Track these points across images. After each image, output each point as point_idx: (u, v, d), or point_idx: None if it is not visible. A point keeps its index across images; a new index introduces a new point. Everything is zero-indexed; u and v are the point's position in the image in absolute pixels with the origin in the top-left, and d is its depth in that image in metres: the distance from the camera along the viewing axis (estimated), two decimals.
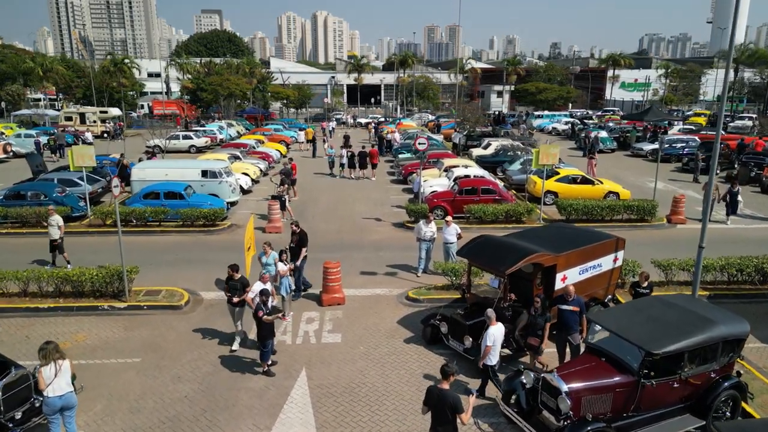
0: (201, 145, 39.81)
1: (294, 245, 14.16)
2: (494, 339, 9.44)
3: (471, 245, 11.70)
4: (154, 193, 21.08)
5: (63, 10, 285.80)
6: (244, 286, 11.40)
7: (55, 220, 16.04)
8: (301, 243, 14.16)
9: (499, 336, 9.56)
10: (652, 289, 11.54)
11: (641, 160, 37.13)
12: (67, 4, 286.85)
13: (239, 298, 11.34)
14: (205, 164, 23.85)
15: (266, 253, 13.15)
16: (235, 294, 11.36)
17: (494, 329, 9.53)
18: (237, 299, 11.36)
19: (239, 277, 11.52)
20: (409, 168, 28.53)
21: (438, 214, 21.54)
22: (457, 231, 15.35)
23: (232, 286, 11.44)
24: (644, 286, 11.45)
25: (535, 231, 12.75)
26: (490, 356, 9.50)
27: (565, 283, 11.43)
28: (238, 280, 11.48)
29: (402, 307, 13.74)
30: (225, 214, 21.56)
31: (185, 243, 19.16)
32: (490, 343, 9.43)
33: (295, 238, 14.26)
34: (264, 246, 13.20)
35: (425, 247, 15.73)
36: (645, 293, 11.35)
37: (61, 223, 16.12)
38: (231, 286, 11.46)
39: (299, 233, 14.22)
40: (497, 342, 9.52)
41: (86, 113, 49.80)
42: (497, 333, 9.53)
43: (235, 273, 11.50)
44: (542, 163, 20.60)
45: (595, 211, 20.67)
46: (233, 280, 11.48)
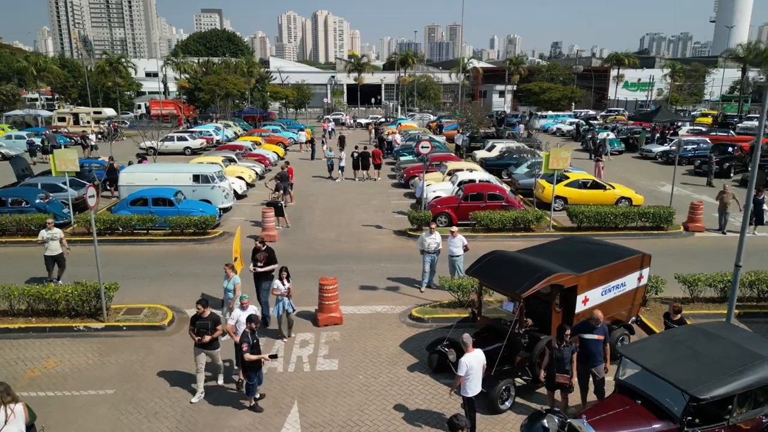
0: (196, 147, 38.65)
1: (261, 263, 12.43)
2: (469, 368, 8.31)
3: (482, 263, 10.55)
4: (142, 199, 19.94)
5: (63, 10, 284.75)
6: (215, 325, 9.59)
7: (57, 234, 14.72)
8: (270, 261, 12.49)
9: (476, 365, 8.42)
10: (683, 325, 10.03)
11: (650, 162, 35.96)
12: (67, 4, 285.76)
13: (210, 336, 9.51)
14: (196, 168, 22.70)
15: (227, 276, 11.50)
16: (204, 334, 9.48)
17: (470, 357, 8.38)
18: (208, 337, 9.48)
19: (209, 314, 9.63)
20: (411, 171, 27.39)
21: (442, 221, 20.44)
22: (463, 242, 14.20)
23: (201, 325, 9.47)
24: (675, 319, 9.94)
25: (552, 246, 11.60)
26: (466, 387, 8.38)
27: (586, 306, 10.31)
28: (208, 317, 9.58)
29: (405, 328, 12.59)
30: (217, 222, 20.43)
31: (174, 253, 18.02)
32: (462, 373, 8.30)
33: (261, 255, 12.47)
34: (225, 268, 11.62)
35: (429, 259, 14.58)
36: None
37: (61, 235, 14.83)
38: (199, 326, 9.47)
39: (266, 251, 12.52)
40: (474, 372, 8.38)
41: (80, 114, 48.67)
42: (473, 361, 8.39)
43: (204, 309, 9.55)
44: (552, 167, 19.44)
45: (608, 218, 19.51)
46: (202, 318, 9.52)
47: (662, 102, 78.44)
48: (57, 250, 14.70)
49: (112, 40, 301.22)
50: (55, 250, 14.65)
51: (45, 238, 14.51)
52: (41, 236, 14.58)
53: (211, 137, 41.92)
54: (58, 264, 14.88)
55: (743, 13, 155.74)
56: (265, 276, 12.61)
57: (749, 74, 72.07)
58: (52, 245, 14.59)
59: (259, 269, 12.50)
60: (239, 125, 51.32)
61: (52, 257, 14.67)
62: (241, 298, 10.12)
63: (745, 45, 61.49)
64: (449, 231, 14.38)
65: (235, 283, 11.44)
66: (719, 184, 28.33)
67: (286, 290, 11.66)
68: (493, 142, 34.51)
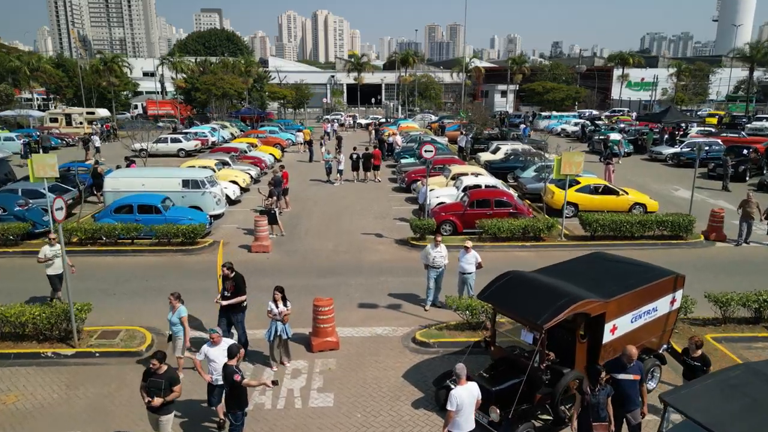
0: (191, 149, 37.40)
1: (229, 293, 10.87)
2: (460, 403, 7.31)
3: (496, 286, 9.33)
4: (127, 207, 18.71)
5: (62, 10, 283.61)
6: (171, 384, 7.79)
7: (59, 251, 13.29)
8: (238, 291, 10.93)
9: (469, 400, 7.42)
10: (706, 363, 8.51)
11: (660, 164, 34.71)
12: (66, 4, 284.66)
13: (163, 399, 7.71)
14: (186, 173, 21.49)
15: (172, 307, 10.05)
16: (155, 396, 7.68)
17: (461, 391, 7.40)
18: (159, 400, 7.67)
19: (165, 371, 7.85)
20: (413, 175, 26.14)
21: (446, 229, 19.24)
22: (477, 259, 12.95)
23: (153, 384, 7.74)
24: (696, 356, 8.53)
25: (573, 265, 10.37)
26: (457, 424, 7.38)
27: (615, 335, 9.10)
28: (163, 375, 7.79)
29: (408, 354, 11.36)
30: (207, 230, 19.22)
31: (159, 265, 16.80)
32: (453, 408, 7.31)
33: (229, 284, 10.90)
34: (170, 298, 10.12)
35: (434, 275, 13.36)
36: (697, 367, 8.49)
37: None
38: (152, 383, 7.75)
39: (234, 278, 10.95)
40: (465, 408, 7.38)
41: (72, 114, 47.43)
42: (464, 396, 7.38)
43: (160, 365, 7.81)
44: (564, 172, 18.21)
45: (623, 226, 18.28)
46: (156, 374, 7.78)
47: (667, 102, 77.24)
48: (60, 267, 13.14)
49: (112, 40, 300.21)
50: (58, 267, 13.15)
51: (49, 256, 13.00)
52: (44, 254, 13.02)
53: (206, 138, 40.70)
54: (62, 283, 13.28)
55: (746, 12, 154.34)
56: (235, 308, 10.97)
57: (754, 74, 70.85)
58: (56, 263, 13.11)
59: (224, 302, 10.83)
60: (236, 126, 50.06)
61: (58, 276, 13.15)
62: (211, 332, 8.84)
63: (753, 44, 60.16)
64: (463, 245, 13.08)
65: (180, 315, 10.04)
66: (735, 188, 27.18)
67: (280, 314, 10.43)
68: (498, 143, 33.27)
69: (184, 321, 10.08)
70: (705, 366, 8.51)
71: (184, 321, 10.06)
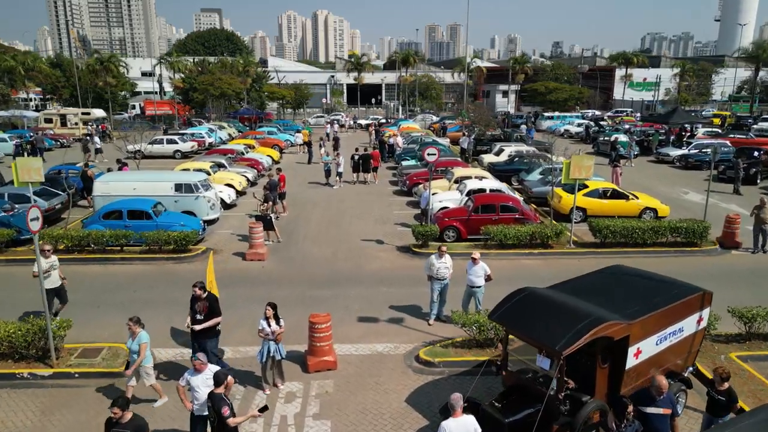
0: (187, 150, 36.57)
1: (202, 316, 9.70)
2: None
3: (508, 306, 8.53)
4: (117, 212, 17.90)
5: (61, 10, 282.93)
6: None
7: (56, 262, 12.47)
8: (211, 312, 9.76)
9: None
10: (733, 399, 7.68)
11: (667, 166, 33.89)
12: (65, 4, 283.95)
13: None
14: (179, 176, 20.69)
15: (132, 333, 9.10)
16: None
17: (452, 424, 6.79)
18: None
19: (129, 420, 6.76)
20: (415, 178, 25.33)
21: (450, 235, 18.45)
22: (486, 271, 12.13)
23: None
24: (721, 389, 7.72)
25: (590, 280, 9.57)
26: None
27: (639, 359, 8.30)
28: (127, 424, 6.74)
29: (411, 375, 10.56)
30: (201, 236, 18.42)
31: (149, 274, 16.00)
32: None
33: (201, 305, 9.75)
34: (128, 324, 9.14)
35: (438, 287, 12.56)
36: (722, 403, 7.67)
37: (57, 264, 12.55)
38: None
39: (206, 299, 9.81)
40: None
41: (67, 115, 46.64)
42: (455, 429, 6.74)
43: (123, 413, 6.71)
44: (574, 176, 17.41)
45: (635, 233, 17.47)
46: (120, 424, 6.72)
47: (670, 102, 76.43)
48: (57, 281, 12.38)
49: (111, 40, 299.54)
50: (55, 281, 12.31)
51: (44, 268, 11.92)
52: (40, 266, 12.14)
53: (203, 140, 39.89)
54: (59, 297, 12.50)
55: (749, 12, 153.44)
56: (207, 333, 9.82)
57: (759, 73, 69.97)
58: (52, 276, 12.14)
59: (197, 327, 9.75)
60: (234, 127, 49.25)
61: (53, 290, 12.21)
62: (194, 359, 8.02)
63: (759, 42, 59.33)
64: (470, 256, 12.27)
65: (141, 342, 9.06)
66: (746, 191, 26.38)
67: (273, 333, 9.63)
68: (501, 145, 32.45)
69: (144, 348, 9.09)
70: (731, 402, 7.71)
71: (143, 348, 9.08)
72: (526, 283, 15.48)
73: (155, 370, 9.65)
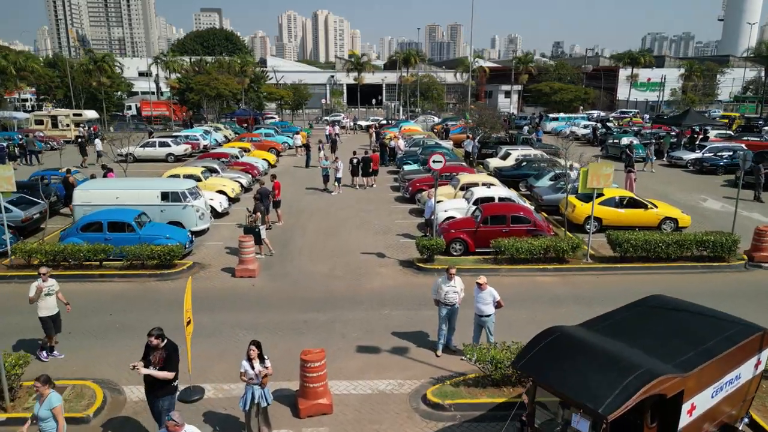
0: (180, 153, 35.17)
1: (160, 365, 7.93)
2: None
3: (536, 351, 7.16)
4: (96, 224, 16.53)
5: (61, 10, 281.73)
6: None
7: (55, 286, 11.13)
8: (168, 364, 7.94)
9: None
10: None
11: (680, 171, 32.50)
12: (64, 3, 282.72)
13: None
14: (166, 184, 19.31)
15: (40, 395, 7.33)
16: None
17: None
18: None
19: None
20: (418, 184, 23.95)
21: (457, 248, 17.09)
22: (494, 297, 10.76)
23: None
24: None
25: (629, 317, 8.21)
26: None
27: (692, 416, 6.94)
28: None
29: (418, 421, 9.19)
30: (188, 249, 17.07)
31: (129, 294, 14.63)
32: None
33: (157, 356, 7.96)
34: (36, 385, 7.31)
35: (446, 313, 11.20)
36: None
37: (58, 287, 11.21)
38: None
39: (165, 348, 8.04)
40: None
41: (58, 116, 45.27)
42: None
43: None
44: (592, 186, 16.04)
45: (659, 247, 16.09)
46: None
47: (676, 102, 75.05)
48: (55, 307, 10.99)
49: (111, 40, 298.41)
50: (53, 307, 10.91)
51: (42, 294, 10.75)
52: (35, 291, 10.70)
53: (197, 142, 38.50)
54: (56, 326, 11.10)
55: (752, 12, 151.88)
56: (159, 390, 7.98)
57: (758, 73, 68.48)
58: (49, 302, 10.87)
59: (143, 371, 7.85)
60: (230, 128, 47.87)
61: (50, 317, 10.88)
62: (168, 420, 6.64)
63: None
64: (476, 283, 10.88)
65: (52, 407, 7.28)
66: (766, 198, 25.04)
67: (257, 376, 8.27)
68: (507, 148, 31.07)
69: (58, 414, 7.34)
70: None
71: (57, 414, 7.33)
72: (539, 303, 14.23)
73: None
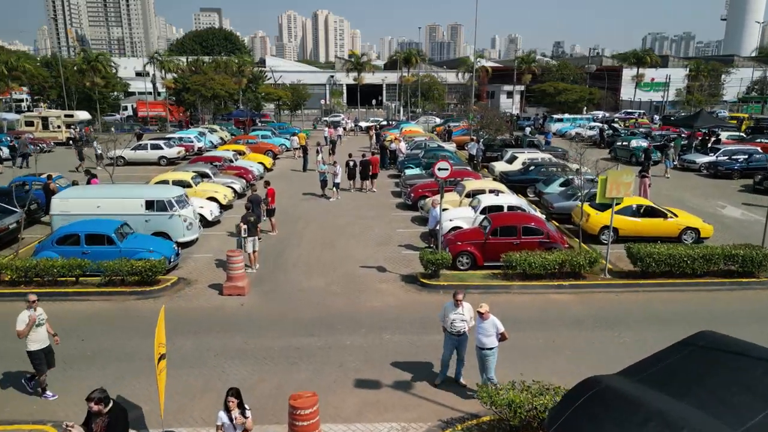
0: (173, 156, 33.89)
1: None
2: None
3: (575, 410, 5.88)
4: (73, 237, 15.27)
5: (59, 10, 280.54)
6: None
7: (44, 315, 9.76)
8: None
9: None
10: None
11: (693, 175, 31.20)
12: (64, 3, 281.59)
13: None
14: (151, 192, 18.03)
15: None
16: None
17: None
18: None
19: None
20: (420, 190, 22.68)
21: (464, 262, 15.84)
22: (498, 329, 9.38)
23: None
24: None
25: (678, 362, 6.92)
26: None
27: None
28: None
29: None
30: (174, 263, 15.78)
31: (106, 314, 13.36)
32: None
33: (100, 422, 6.48)
34: None
35: (451, 343, 9.94)
36: None
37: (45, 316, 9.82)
38: None
39: (108, 414, 6.54)
40: None
41: (49, 117, 44.02)
42: None
43: None
44: (611, 195, 14.76)
45: (683, 262, 14.80)
46: None
47: (681, 102, 73.77)
48: (47, 339, 9.69)
49: (110, 40, 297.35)
50: (44, 339, 9.63)
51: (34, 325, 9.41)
52: (24, 321, 9.31)
53: (191, 144, 37.19)
54: (48, 360, 9.76)
55: (756, 12, 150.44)
56: None
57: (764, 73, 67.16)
58: (40, 333, 9.57)
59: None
60: (226, 130, 46.59)
61: (42, 350, 9.57)
62: None
63: None
64: (477, 311, 9.51)
65: None
66: None
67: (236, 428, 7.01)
68: (513, 152, 29.77)
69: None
70: None
71: None
72: (557, 325, 12.85)
73: None
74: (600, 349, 11.61)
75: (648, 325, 12.72)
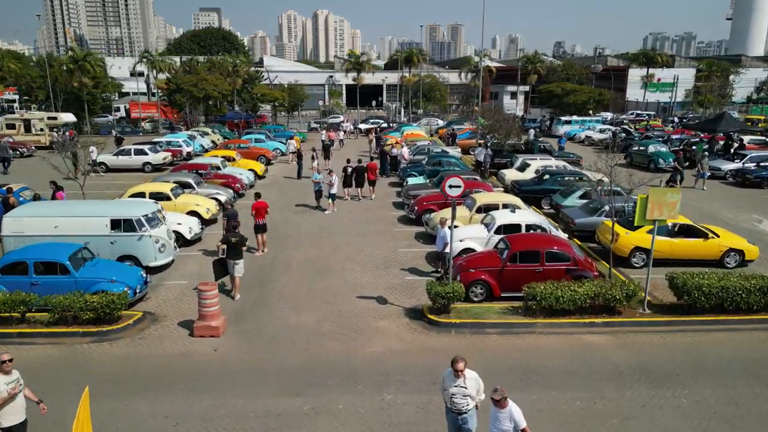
0: (158, 162, 31.58)
1: None
2: None
3: None
4: (21, 265, 13.03)
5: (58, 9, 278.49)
6: None
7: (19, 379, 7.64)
8: None
9: None
10: None
11: (719, 182, 28.89)
12: (62, 2, 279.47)
13: None
14: (118, 209, 15.74)
15: None
16: None
17: None
18: None
19: None
20: (425, 203, 20.44)
21: (478, 292, 13.61)
22: (517, 425, 6.96)
23: None
24: None
25: None
26: None
27: None
28: None
29: None
30: (130, 299, 13.22)
31: (52, 363, 11.13)
32: None
33: None
34: None
35: (452, 422, 7.75)
36: None
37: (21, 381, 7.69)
38: None
39: None
40: None
41: (32, 120, 41.75)
42: None
43: None
44: (653, 216, 12.52)
45: (738, 296, 12.56)
46: None
47: (689, 103, 71.49)
48: (23, 410, 7.66)
49: (108, 39, 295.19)
50: (21, 410, 7.65)
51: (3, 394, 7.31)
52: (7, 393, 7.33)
53: (180, 149, 34.92)
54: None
55: (763, 11, 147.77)
56: None
57: None
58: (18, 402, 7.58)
59: None
60: (219, 133, 44.30)
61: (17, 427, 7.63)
62: None
63: None
64: (491, 396, 7.17)
65: None
66: None
67: None
68: (525, 158, 27.51)
69: None
70: None
71: None
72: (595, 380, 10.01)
73: None
74: (653, 414, 9.39)
75: (704, 379, 10.50)
